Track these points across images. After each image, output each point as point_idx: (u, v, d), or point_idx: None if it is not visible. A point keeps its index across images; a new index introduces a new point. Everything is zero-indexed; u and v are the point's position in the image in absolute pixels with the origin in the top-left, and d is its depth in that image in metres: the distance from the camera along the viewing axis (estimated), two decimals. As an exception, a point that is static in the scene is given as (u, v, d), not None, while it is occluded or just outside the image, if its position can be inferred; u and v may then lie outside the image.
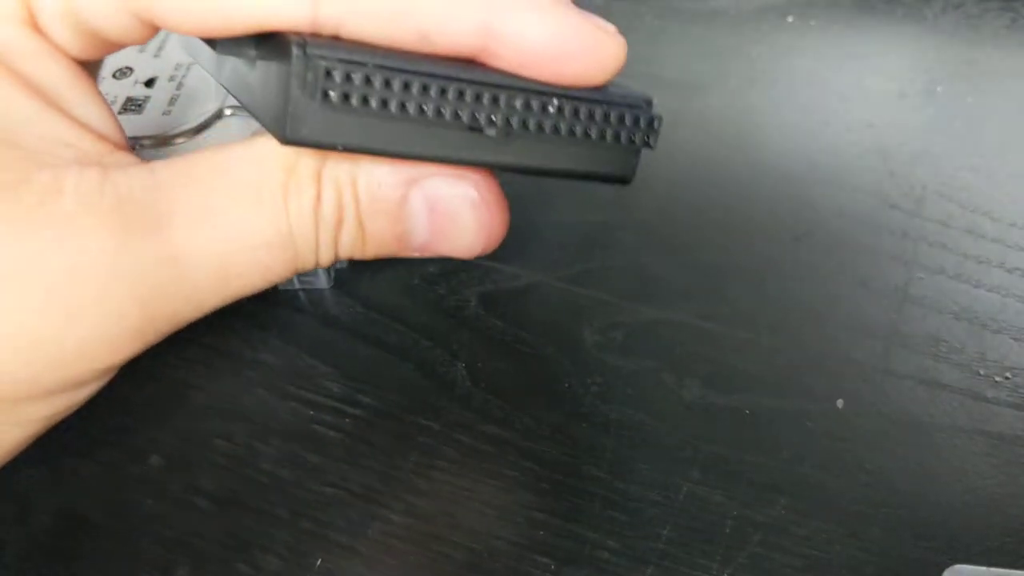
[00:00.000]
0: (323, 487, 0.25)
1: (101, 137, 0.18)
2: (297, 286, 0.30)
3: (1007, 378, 0.26)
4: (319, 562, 0.23)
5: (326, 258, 0.19)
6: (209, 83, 0.33)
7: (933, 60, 0.36)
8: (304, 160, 0.18)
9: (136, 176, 0.17)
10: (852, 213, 0.31)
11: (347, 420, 0.26)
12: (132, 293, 0.16)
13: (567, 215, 0.32)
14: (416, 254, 0.20)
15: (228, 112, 0.31)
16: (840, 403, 0.26)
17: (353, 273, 0.30)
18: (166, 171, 0.17)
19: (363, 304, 0.29)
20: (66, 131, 0.17)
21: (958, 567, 0.22)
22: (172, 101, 0.32)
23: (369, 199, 0.18)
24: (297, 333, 0.29)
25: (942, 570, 0.22)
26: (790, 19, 0.39)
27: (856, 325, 0.28)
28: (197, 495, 0.25)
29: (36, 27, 0.18)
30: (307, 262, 0.19)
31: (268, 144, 0.18)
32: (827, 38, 0.38)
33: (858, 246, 0.30)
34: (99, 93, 0.19)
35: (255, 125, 0.31)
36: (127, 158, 0.18)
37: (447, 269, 0.30)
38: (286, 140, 0.16)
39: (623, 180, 0.21)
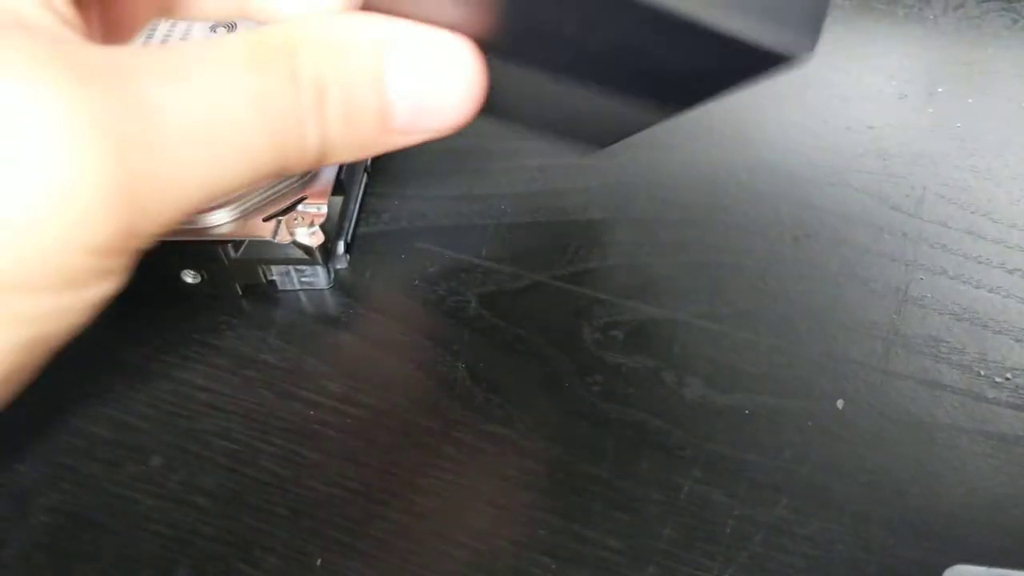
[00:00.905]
0: (323, 485, 0.25)
1: (55, 13, 0.16)
2: (298, 286, 0.30)
3: (1008, 379, 0.26)
4: (319, 561, 0.23)
5: (314, 141, 0.17)
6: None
7: (934, 61, 0.36)
8: (270, 36, 0.17)
9: (92, 45, 0.16)
10: (852, 214, 0.31)
11: (347, 419, 0.26)
12: (105, 142, 0.14)
13: (567, 215, 0.32)
14: (402, 140, 0.19)
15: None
16: (840, 403, 0.26)
17: (353, 274, 0.30)
18: (122, 46, 0.16)
19: (363, 304, 0.29)
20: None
21: (958, 567, 0.22)
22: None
23: (345, 64, 0.17)
24: (297, 333, 0.29)
25: (942, 570, 0.22)
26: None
27: (856, 325, 0.28)
28: (197, 494, 0.25)
29: None
30: (295, 143, 0.17)
31: (231, 34, 0.17)
32: (827, 39, 0.38)
33: (858, 247, 0.30)
34: None
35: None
36: (83, 38, 0.16)
37: (448, 269, 0.30)
38: None
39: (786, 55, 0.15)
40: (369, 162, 0.33)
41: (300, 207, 0.28)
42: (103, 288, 0.16)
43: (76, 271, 0.15)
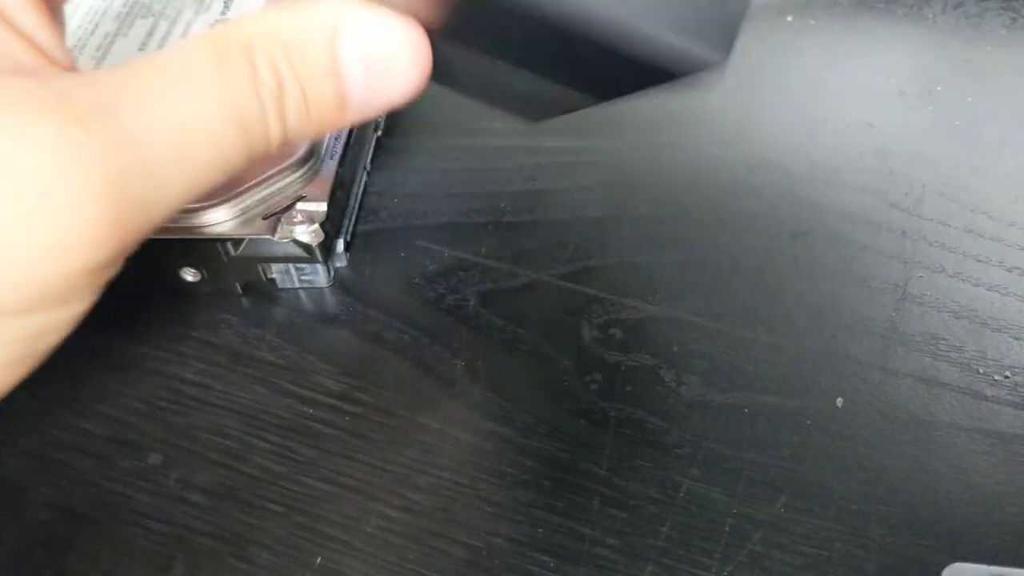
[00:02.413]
0: (319, 482, 0.25)
1: (43, 54, 0.18)
2: (297, 284, 0.30)
3: (1006, 377, 0.26)
4: (319, 560, 0.23)
5: (276, 133, 0.19)
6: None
7: (933, 59, 0.36)
8: (227, 40, 0.18)
9: (73, 78, 0.17)
10: (851, 212, 0.31)
11: (344, 417, 0.26)
12: (97, 175, 0.16)
13: (564, 213, 0.32)
14: (357, 117, 0.20)
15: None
16: (839, 401, 0.26)
17: (352, 271, 0.30)
18: (101, 73, 0.17)
19: (362, 302, 0.29)
20: (6, 42, 0.17)
21: (957, 565, 0.22)
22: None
23: (301, 59, 0.18)
24: (295, 330, 0.29)
25: (941, 568, 0.22)
26: (789, 18, 0.39)
27: (855, 323, 0.28)
28: (192, 490, 0.25)
29: None
30: (259, 138, 0.19)
31: (191, 41, 0.18)
32: (826, 37, 0.38)
33: (857, 245, 0.30)
34: (48, 12, 0.19)
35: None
36: (66, 72, 0.18)
37: (447, 268, 0.30)
38: None
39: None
40: (369, 161, 0.33)
41: (299, 205, 0.28)
42: (89, 301, 0.18)
43: (69, 291, 0.17)
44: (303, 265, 0.29)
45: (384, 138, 0.35)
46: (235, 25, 0.18)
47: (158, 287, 0.29)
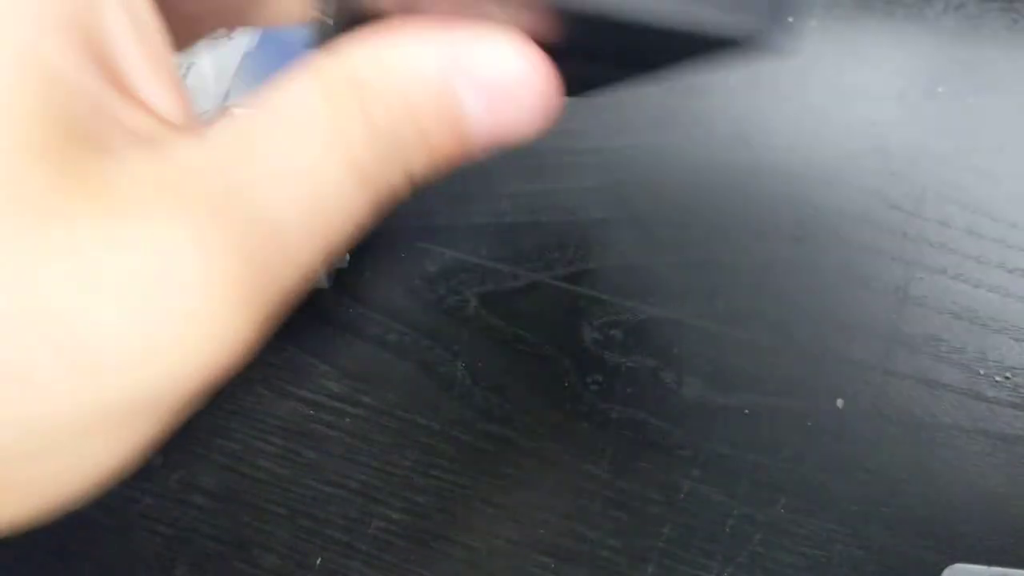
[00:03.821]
0: (322, 485, 0.25)
1: (159, 116, 0.16)
2: (297, 285, 0.30)
3: (1007, 378, 0.26)
4: (319, 561, 0.23)
5: (401, 182, 0.17)
6: (209, 81, 0.33)
7: (934, 61, 0.36)
8: (335, 81, 0.16)
9: (192, 148, 0.16)
10: (852, 213, 0.31)
11: (346, 419, 0.26)
12: (238, 277, 0.15)
13: (567, 215, 0.32)
14: (479, 153, 0.18)
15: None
16: (840, 403, 0.26)
17: (353, 273, 0.30)
18: (216, 135, 0.16)
19: (363, 304, 0.29)
20: (118, 106, 0.16)
21: (958, 566, 0.22)
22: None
23: (416, 98, 0.17)
24: (297, 332, 0.29)
25: (942, 569, 0.22)
26: (790, 20, 0.39)
27: (856, 325, 0.28)
28: (196, 492, 0.25)
29: None
30: (384, 190, 0.17)
31: (294, 82, 0.16)
32: (827, 38, 0.38)
33: (858, 246, 0.30)
34: (163, 66, 0.17)
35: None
36: (180, 135, 0.16)
37: (447, 269, 0.30)
38: None
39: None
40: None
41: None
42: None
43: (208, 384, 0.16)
44: (304, 267, 0.29)
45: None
46: (339, 60, 0.17)
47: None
